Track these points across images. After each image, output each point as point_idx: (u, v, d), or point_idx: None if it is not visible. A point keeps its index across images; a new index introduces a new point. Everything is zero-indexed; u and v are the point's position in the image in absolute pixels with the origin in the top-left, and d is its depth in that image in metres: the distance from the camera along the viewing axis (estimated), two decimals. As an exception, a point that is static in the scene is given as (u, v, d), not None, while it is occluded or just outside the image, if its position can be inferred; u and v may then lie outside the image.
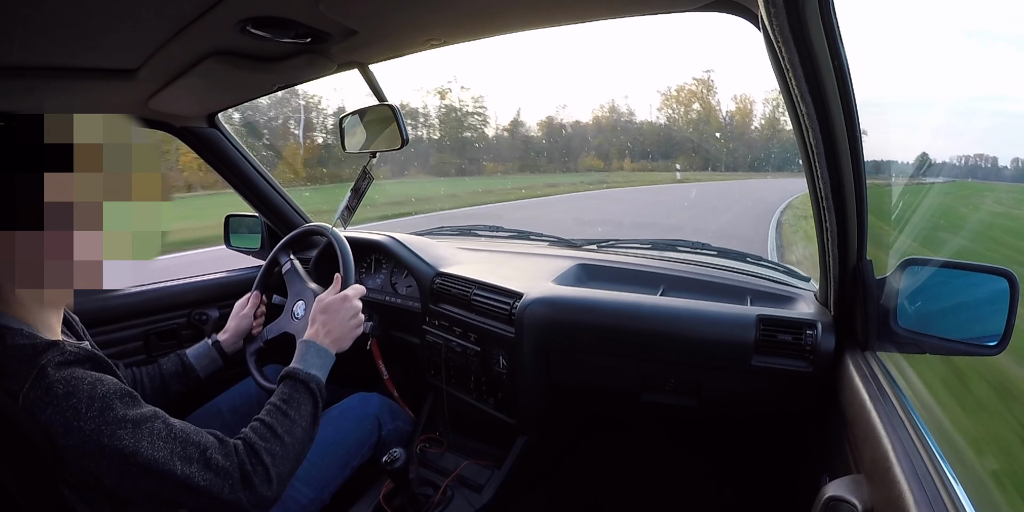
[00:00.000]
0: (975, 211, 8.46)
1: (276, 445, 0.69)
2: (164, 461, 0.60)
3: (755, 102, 48.70)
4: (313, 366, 0.81)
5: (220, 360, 1.09)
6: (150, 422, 0.61)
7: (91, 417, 0.57)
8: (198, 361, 1.06)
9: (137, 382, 0.99)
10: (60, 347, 0.61)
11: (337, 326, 0.89)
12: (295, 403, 0.75)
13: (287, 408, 0.73)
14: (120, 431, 0.58)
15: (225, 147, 1.37)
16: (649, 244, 1.38)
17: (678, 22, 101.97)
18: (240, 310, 1.15)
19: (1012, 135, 23.30)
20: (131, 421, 0.60)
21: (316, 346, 0.85)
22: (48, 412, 0.57)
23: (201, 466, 0.62)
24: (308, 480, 0.95)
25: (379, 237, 1.36)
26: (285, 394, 0.76)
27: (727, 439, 1.31)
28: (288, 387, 0.77)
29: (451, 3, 0.68)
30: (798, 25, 0.52)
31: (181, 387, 1.04)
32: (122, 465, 0.58)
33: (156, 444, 0.60)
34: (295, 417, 0.73)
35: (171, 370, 1.03)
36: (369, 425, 1.09)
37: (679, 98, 46.49)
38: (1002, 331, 0.68)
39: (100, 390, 0.59)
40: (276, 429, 0.70)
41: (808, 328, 0.88)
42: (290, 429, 0.71)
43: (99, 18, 0.67)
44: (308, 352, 0.83)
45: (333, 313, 0.90)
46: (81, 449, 0.57)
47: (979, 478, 1.21)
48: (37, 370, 0.58)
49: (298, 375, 0.78)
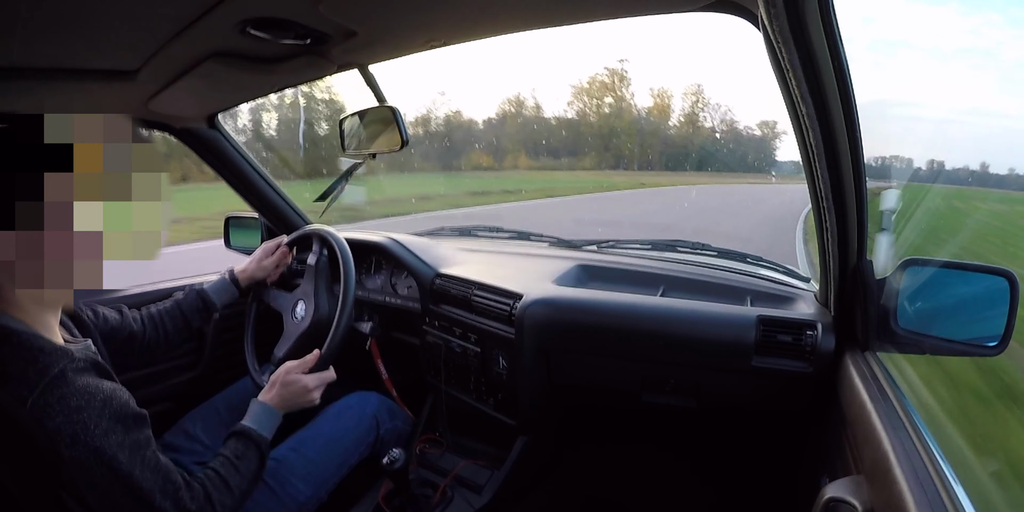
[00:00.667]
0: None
1: (227, 498, 0.73)
2: (149, 489, 0.63)
3: (673, 96, 46.47)
4: (264, 427, 0.85)
5: (237, 292, 1.16)
6: (144, 450, 0.65)
7: (98, 434, 0.60)
8: (217, 295, 1.12)
9: (157, 325, 1.03)
10: (71, 355, 0.63)
11: (288, 402, 0.92)
12: (247, 461, 0.78)
13: (240, 464, 0.77)
14: (119, 454, 0.61)
15: (225, 148, 1.37)
16: (649, 244, 1.38)
17: (677, 22, 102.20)
18: (263, 257, 1.20)
19: (922, 138, 23.53)
20: (130, 446, 0.63)
21: (270, 409, 0.88)
22: (58, 421, 0.58)
23: (172, 503, 0.65)
24: (305, 477, 0.95)
25: (379, 238, 1.36)
26: (239, 451, 0.79)
27: (727, 440, 1.31)
28: (242, 445, 0.80)
29: (451, 4, 0.68)
30: (798, 25, 0.52)
31: (202, 322, 1.10)
32: (111, 484, 0.61)
33: (145, 473, 0.63)
34: (245, 473, 0.77)
35: (191, 306, 1.09)
36: (367, 424, 1.10)
37: (590, 91, 43.73)
38: (1002, 331, 0.68)
39: (110, 409, 0.62)
40: (229, 483, 0.74)
41: (808, 328, 0.88)
42: (239, 483, 0.76)
43: (99, 19, 0.67)
44: (262, 413, 0.87)
45: (291, 393, 0.92)
46: (81, 462, 0.59)
47: (979, 479, 1.20)
48: (50, 378, 0.59)
49: (251, 434, 0.82)
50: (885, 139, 4.08)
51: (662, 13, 0.69)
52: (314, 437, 1.02)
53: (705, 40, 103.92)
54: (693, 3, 0.64)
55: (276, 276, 1.24)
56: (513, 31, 0.78)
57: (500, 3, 0.68)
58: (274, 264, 1.21)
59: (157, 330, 1.03)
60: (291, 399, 0.92)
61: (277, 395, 0.91)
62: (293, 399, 0.92)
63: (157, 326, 1.03)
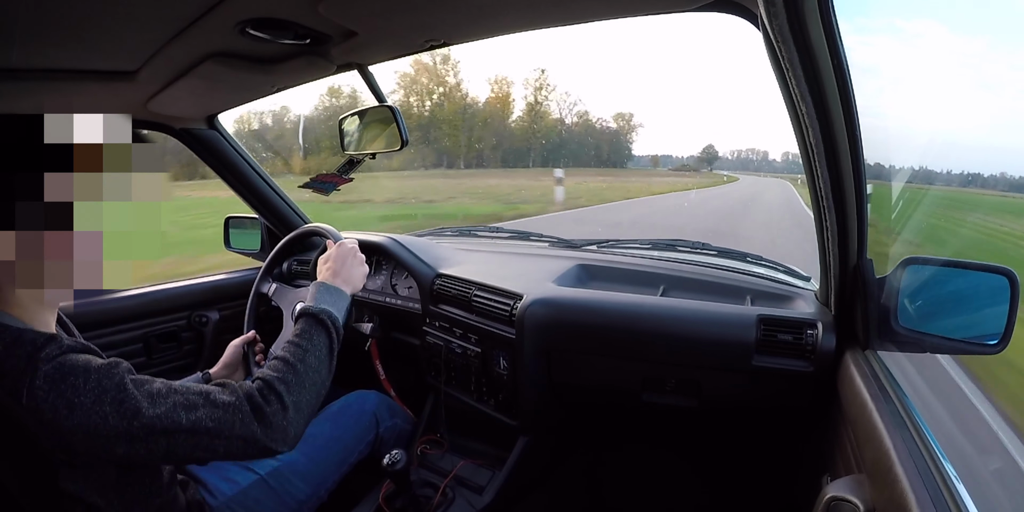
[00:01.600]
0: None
1: (289, 374, 0.67)
2: (168, 415, 0.59)
3: (513, 83, 41.83)
4: (325, 302, 0.81)
5: None
6: (148, 384, 0.60)
7: (89, 390, 0.57)
8: None
9: None
10: (58, 341, 0.61)
11: (345, 269, 0.89)
12: (307, 335, 0.74)
13: (299, 340, 0.73)
14: (119, 395, 0.58)
15: (225, 149, 1.37)
16: (649, 244, 1.38)
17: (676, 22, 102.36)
18: (235, 349, 1.07)
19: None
20: (127, 385, 0.59)
21: (326, 285, 0.85)
22: (51, 398, 0.56)
23: (207, 408, 0.60)
24: (305, 475, 0.95)
25: (379, 238, 1.36)
26: (299, 329, 0.75)
27: (728, 439, 1.31)
28: (302, 323, 0.77)
29: (450, 4, 0.68)
30: (798, 25, 0.52)
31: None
32: (128, 430, 0.57)
33: (156, 401, 0.59)
34: (307, 347, 0.72)
35: None
36: (367, 422, 1.10)
37: (414, 78, 38.56)
38: (1002, 330, 0.68)
39: (94, 365, 0.59)
40: (288, 359, 0.69)
41: (809, 328, 0.88)
42: (303, 357, 0.70)
43: (99, 20, 0.67)
44: (320, 291, 0.83)
45: (339, 259, 0.90)
46: (86, 424, 0.56)
47: (981, 477, 1.21)
48: (35, 363, 0.58)
49: (310, 310, 0.78)
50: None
51: (662, 13, 0.70)
52: (314, 436, 1.01)
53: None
54: (693, 3, 0.64)
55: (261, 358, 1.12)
56: (513, 31, 0.79)
57: (499, 3, 0.68)
58: (241, 343, 1.07)
59: None
60: (342, 266, 0.88)
61: (328, 269, 0.87)
62: (344, 266, 0.89)
63: None
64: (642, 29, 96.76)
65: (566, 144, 42.92)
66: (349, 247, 0.95)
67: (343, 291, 0.86)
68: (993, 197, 15.51)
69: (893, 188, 1.00)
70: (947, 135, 16.53)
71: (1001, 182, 19.22)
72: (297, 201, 1.57)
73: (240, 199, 1.50)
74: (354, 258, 0.93)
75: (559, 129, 44.16)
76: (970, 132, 28.92)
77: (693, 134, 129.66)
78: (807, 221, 2.40)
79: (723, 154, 76.73)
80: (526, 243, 1.55)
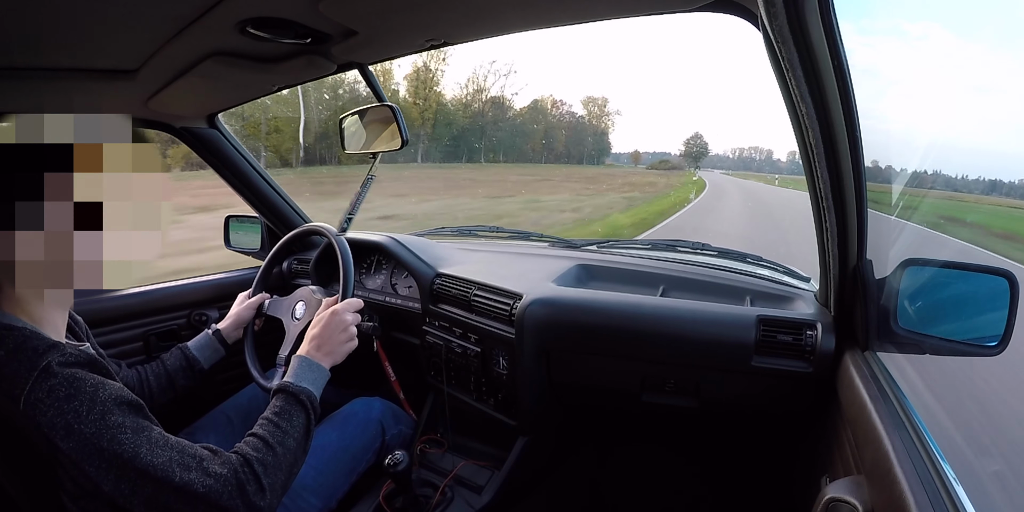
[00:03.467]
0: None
1: (268, 455, 0.68)
2: (163, 467, 0.59)
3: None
4: (305, 380, 0.81)
5: (222, 349, 1.11)
6: (148, 431, 0.61)
7: (92, 420, 0.57)
8: (201, 352, 1.08)
9: (143, 381, 1.00)
10: (61, 349, 0.61)
11: (330, 342, 0.88)
12: (287, 415, 0.74)
13: (279, 420, 0.73)
14: (120, 436, 0.58)
15: (225, 147, 1.37)
16: (649, 244, 1.38)
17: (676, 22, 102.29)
18: (243, 300, 1.18)
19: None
20: (130, 427, 0.59)
21: (308, 361, 0.84)
22: (50, 414, 0.56)
23: (200, 473, 0.61)
24: (316, 490, 0.94)
25: (379, 237, 1.36)
26: (277, 407, 0.75)
27: (727, 440, 1.31)
28: (280, 400, 0.77)
29: (451, 4, 0.68)
30: (798, 25, 0.52)
31: (187, 380, 1.05)
32: (120, 469, 0.58)
33: (155, 451, 0.60)
34: (287, 429, 0.73)
35: (175, 365, 1.04)
36: (373, 430, 1.09)
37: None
38: (1002, 331, 0.68)
39: (102, 394, 0.59)
40: (268, 440, 0.70)
41: (808, 328, 0.88)
42: (282, 440, 0.70)
43: (99, 19, 0.67)
44: (300, 366, 0.83)
45: (324, 328, 0.89)
46: (81, 452, 0.57)
47: (980, 478, 1.20)
48: (38, 372, 0.57)
49: (289, 388, 0.78)
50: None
51: (662, 13, 0.69)
52: (322, 447, 1.00)
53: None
54: (693, 3, 0.64)
55: (260, 324, 1.19)
56: (513, 31, 0.79)
57: (499, 3, 0.68)
58: (258, 302, 1.17)
59: (143, 388, 1.00)
60: (327, 336, 0.87)
61: (311, 339, 0.87)
62: (330, 336, 0.88)
63: (143, 384, 1.00)
64: (641, 29, 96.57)
65: (494, 133, 35.90)
66: (339, 315, 0.92)
67: (324, 368, 0.86)
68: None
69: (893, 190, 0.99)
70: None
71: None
72: (297, 201, 1.57)
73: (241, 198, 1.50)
74: (343, 332, 0.91)
75: (484, 113, 36.53)
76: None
77: (691, 132, 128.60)
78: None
79: (723, 153, 73.13)
80: (526, 243, 1.55)
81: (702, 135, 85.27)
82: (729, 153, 79.87)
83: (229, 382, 1.25)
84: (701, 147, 72.78)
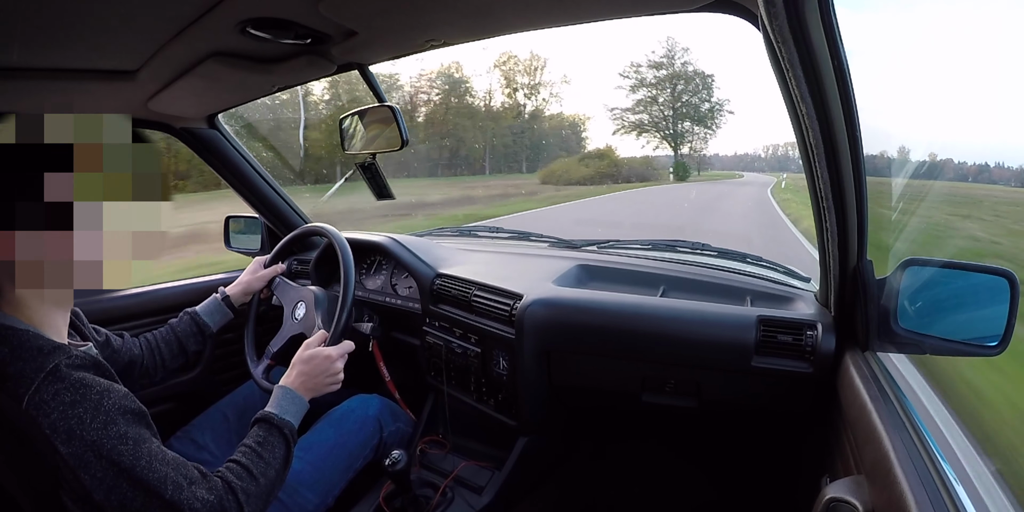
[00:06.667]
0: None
1: (251, 485, 0.70)
2: (157, 482, 0.60)
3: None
4: (287, 412, 0.82)
5: (230, 313, 1.14)
6: (148, 443, 0.62)
7: (94, 428, 0.58)
8: (210, 317, 1.11)
9: (153, 349, 1.02)
10: (66, 350, 0.61)
11: (313, 380, 0.89)
12: (269, 447, 0.76)
13: (262, 451, 0.75)
14: (120, 446, 0.59)
15: (225, 148, 1.38)
16: (649, 245, 1.38)
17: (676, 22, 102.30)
18: (257, 269, 1.20)
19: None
20: (132, 439, 0.60)
21: (292, 394, 0.85)
22: (53, 417, 0.57)
23: (189, 495, 0.62)
24: (313, 486, 0.95)
25: (379, 238, 1.36)
26: (260, 437, 0.77)
27: (727, 440, 1.31)
28: (263, 430, 0.78)
29: (451, 4, 0.68)
30: (798, 25, 0.52)
31: (198, 345, 1.08)
32: (115, 479, 0.58)
33: (152, 465, 0.61)
34: (269, 460, 0.74)
35: (186, 330, 1.07)
36: (371, 427, 1.09)
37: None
38: (1002, 331, 0.68)
39: (107, 403, 0.60)
40: (252, 470, 0.71)
41: (808, 329, 0.88)
42: (264, 471, 0.72)
43: (99, 19, 0.67)
44: (284, 398, 0.84)
45: (313, 367, 0.90)
46: (79, 458, 0.57)
47: (980, 479, 1.20)
48: (44, 374, 0.58)
49: (272, 420, 0.79)
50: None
51: (662, 13, 0.70)
52: (319, 443, 1.01)
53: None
54: (693, 3, 0.64)
55: (267, 294, 1.21)
56: (513, 31, 0.79)
57: (499, 3, 0.68)
58: (271, 275, 1.20)
59: (154, 356, 1.01)
60: (314, 376, 0.88)
61: (298, 374, 0.88)
62: (316, 376, 0.88)
63: (154, 351, 1.02)
64: (641, 29, 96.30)
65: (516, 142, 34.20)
66: (332, 361, 0.92)
67: (304, 400, 0.86)
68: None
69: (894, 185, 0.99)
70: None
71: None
72: (297, 201, 1.57)
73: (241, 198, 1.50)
74: (329, 376, 0.91)
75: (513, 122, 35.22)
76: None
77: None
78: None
79: (756, 152, 70.29)
80: (526, 243, 1.55)
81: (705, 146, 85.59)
82: (761, 152, 79.29)
83: (228, 382, 1.25)
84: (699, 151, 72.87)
